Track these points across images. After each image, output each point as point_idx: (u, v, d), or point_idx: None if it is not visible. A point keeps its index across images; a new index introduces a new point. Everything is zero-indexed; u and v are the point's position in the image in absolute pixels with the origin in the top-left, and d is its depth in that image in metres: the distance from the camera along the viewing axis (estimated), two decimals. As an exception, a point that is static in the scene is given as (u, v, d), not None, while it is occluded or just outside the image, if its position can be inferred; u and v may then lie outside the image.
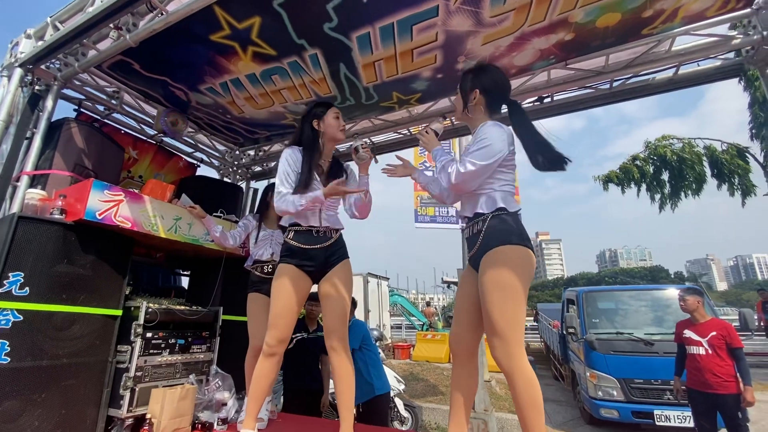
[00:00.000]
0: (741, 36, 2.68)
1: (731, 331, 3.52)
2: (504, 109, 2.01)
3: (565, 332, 7.14)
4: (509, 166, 1.85)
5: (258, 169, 4.92)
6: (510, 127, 1.88)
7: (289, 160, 2.18)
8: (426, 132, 2.06)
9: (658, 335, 5.40)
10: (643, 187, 11.36)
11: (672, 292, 5.99)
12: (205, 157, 4.57)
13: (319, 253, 2.15)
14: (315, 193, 2.03)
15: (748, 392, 3.28)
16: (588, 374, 5.58)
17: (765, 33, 2.54)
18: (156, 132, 3.84)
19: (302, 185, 2.09)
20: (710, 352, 3.49)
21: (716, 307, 6.19)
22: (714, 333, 3.51)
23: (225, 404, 2.76)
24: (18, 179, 2.61)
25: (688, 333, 3.69)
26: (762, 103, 8.84)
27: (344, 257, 2.23)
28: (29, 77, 2.79)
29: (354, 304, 3.78)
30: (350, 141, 3.48)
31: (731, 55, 2.88)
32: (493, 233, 1.74)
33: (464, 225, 1.96)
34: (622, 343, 5.48)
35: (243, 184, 4.80)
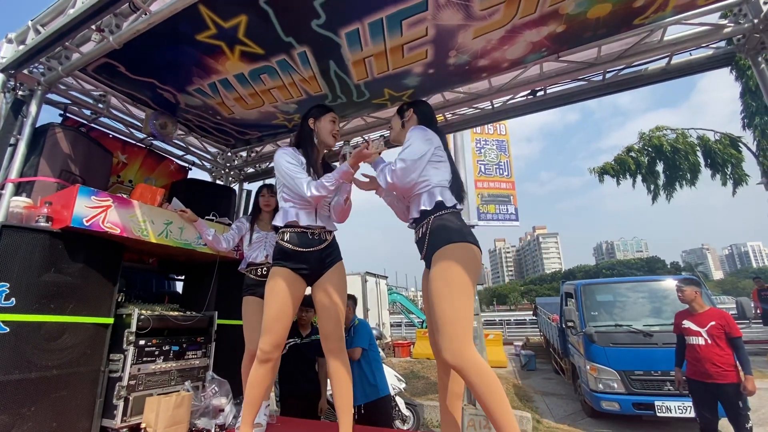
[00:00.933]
0: (732, 24, 2.66)
1: (730, 320, 3.52)
2: None
3: (564, 326, 7.15)
4: (441, 162, 1.99)
5: (251, 170, 4.87)
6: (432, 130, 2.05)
7: (287, 156, 2.16)
8: (366, 148, 2.09)
9: (657, 326, 5.41)
10: (639, 178, 11.42)
11: (669, 283, 6.00)
12: (196, 160, 4.52)
13: (314, 256, 2.12)
14: (340, 168, 2.03)
15: (749, 381, 3.28)
16: (588, 367, 5.58)
17: (755, 21, 2.53)
18: (145, 135, 3.78)
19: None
20: (709, 342, 3.49)
21: (713, 297, 6.21)
22: (713, 323, 3.51)
23: (222, 410, 2.71)
24: (2, 187, 2.54)
25: (687, 323, 3.69)
26: (753, 92, 8.89)
27: (338, 259, 2.23)
28: (12, 82, 2.73)
29: (354, 301, 3.75)
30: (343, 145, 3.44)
31: (723, 43, 2.87)
32: (437, 234, 1.83)
33: (413, 227, 2.04)
34: (622, 335, 5.49)
35: (236, 186, 4.75)
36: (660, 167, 11.15)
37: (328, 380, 2.80)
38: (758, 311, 9.68)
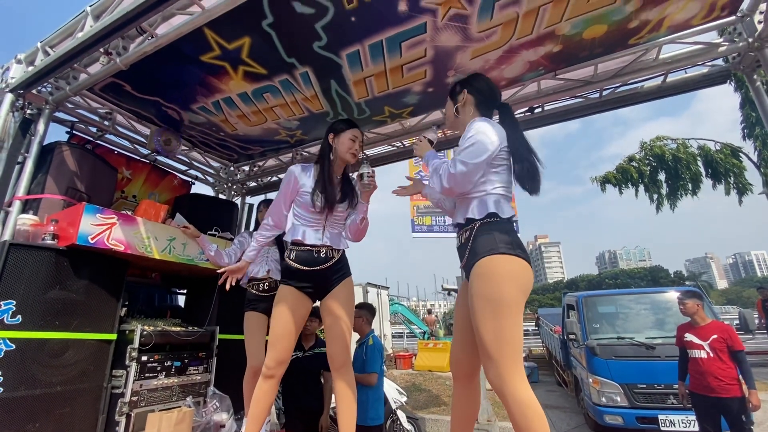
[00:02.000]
0: (727, 43, 2.71)
1: (732, 333, 3.50)
2: (495, 115, 1.92)
3: (566, 338, 7.10)
4: (503, 166, 1.72)
5: (253, 184, 4.92)
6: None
7: (292, 175, 2.18)
8: (420, 140, 2.00)
9: (660, 339, 5.37)
10: (641, 188, 11.43)
11: (672, 295, 5.97)
12: (199, 174, 4.57)
13: (319, 275, 2.11)
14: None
15: (753, 396, 3.26)
16: (591, 380, 5.53)
17: (750, 40, 2.57)
18: (149, 151, 3.84)
19: (326, 199, 2.08)
20: (712, 355, 3.47)
21: (717, 306, 6.16)
22: (715, 336, 3.49)
23: (223, 426, 2.72)
24: (10, 205, 2.59)
25: (689, 336, 3.67)
26: (753, 102, 8.93)
27: (346, 275, 2.20)
28: (20, 102, 2.79)
29: (371, 312, 3.62)
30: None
31: (719, 61, 2.91)
32: (481, 242, 1.61)
33: (457, 231, 1.83)
34: (624, 347, 5.44)
35: (238, 200, 4.80)
36: (662, 176, 11.17)
37: (333, 397, 2.80)
38: (762, 321, 9.59)
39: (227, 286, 2.26)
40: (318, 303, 2.26)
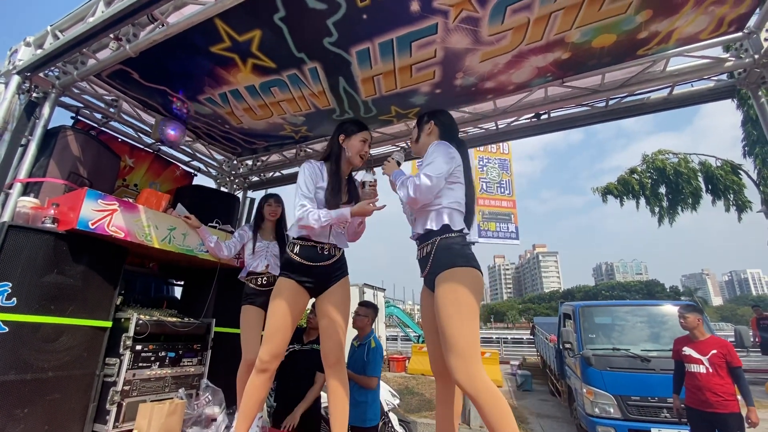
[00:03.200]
0: (733, 59, 2.72)
1: (731, 349, 3.49)
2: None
3: (561, 347, 7.09)
4: (457, 183, 1.99)
5: (255, 179, 4.91)
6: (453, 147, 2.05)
7: (307, 172, 2.17)
8: (389, 161, 2.23)
9: (655, 352, 5.36)
10: (642, 200, 11.46)
11: (668, 308, 5.98)
12: (202, 167, 4.56)
13: (320, 271, 2.13)
14: (341, 211, 2.02)
15: (752, 413, 3.25)
16: (585, 390, 5.52)
17: (756, 56, 2.59)
18: (153, 141, 3.83)
19: (332, 197, 2.12)
20: (710, 370, 3.46)
21: (712, 323, 6.16)
22: (714, 351, 3.48)
23: (215, 420, 2.70)
24: (11, 187, 2.58)
25: (687, 350, 3.66)
26: (755, 121, 9.00)
27: (344, 275, 2.23)
28: (27, 84, 2.78)
29: (374, 310, 3.60)
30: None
31: (724, 76, 2.93)
32: (442, 256, 1.85)
33: (416, 244, 2.05)
34: (619, 359, 5.44)
35: (240, 194, 4.78)
36: (663, 190, 11.21)
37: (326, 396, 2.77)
38: (757, 340, 9.60)
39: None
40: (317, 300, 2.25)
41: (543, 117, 3.38)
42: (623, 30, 2.38)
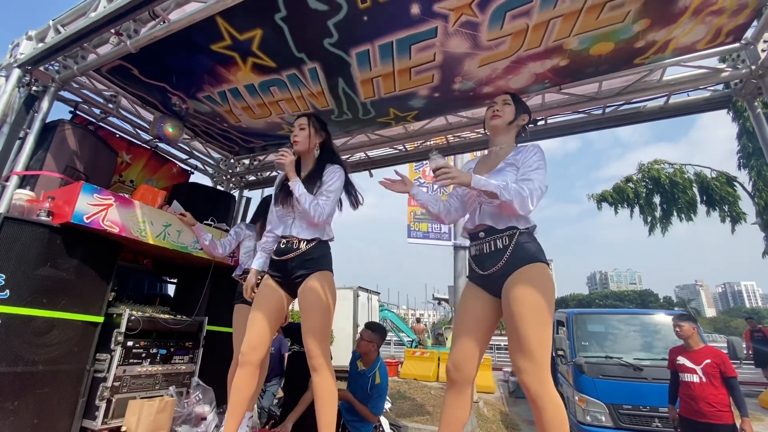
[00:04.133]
0: (730, 69, 2.76)
1: (725, 359, 3.47)
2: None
3: (554, 354, 7.09)
4: None
5: (252, 178, 4.91)
6: None
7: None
8: (445, 169, 1.74)
9: (648, 361, 5.37)
10: (636, 209, 11.52)
11: (662, 318, 5.99)
12: (199, 164, 4.56)
13: (283, 265, 2.10)
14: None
15: (746, 423, 3.23)
16: (576, 398, 5.51)
17: (753, 67, 2.62)
18: (151, 137, 3.83)
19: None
20: (704, 380, 3.44)
21: (705, 334, 6.20)
22: (708, 361, 3.46)
23: (204, 418, 2.68)
24: (7, 179, 2.57)
25: (681, 360, 3.64)
26: (751, 133, 9.09)
27: (315, 270, 2.07)
28: (27, 78, 2.79)
29: (381, 335, 3.39)
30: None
31: (720, 87, 2.97)
32: (526, 250, 1.69)
33: (480, 237, 1.84)
34: (612, 367, 5.43)
35: (236, 193, 4.78)
36: (657, 199, 11.28)
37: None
38: (750, 352, 9.63)
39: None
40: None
41: (540, 123, 3.41)
42: (621, 38, 2.41)
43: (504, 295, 1.68)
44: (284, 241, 2.14)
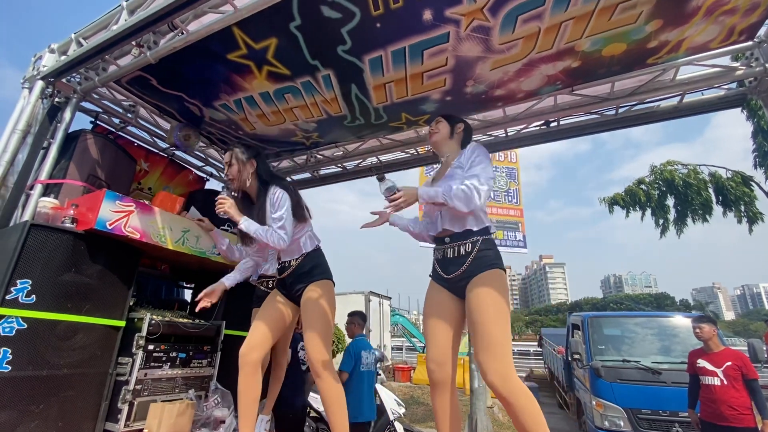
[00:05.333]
0: (744, 67, 2.74)
1: (746, 361, 3.41)
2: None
3: (570, 358, 6.99)
4: None
5: (265, 184, 4.97)
6: None
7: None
8: (396, 191, 1.88)
9: (666, 364, 5.27)
10: (649, 211, 11.34)
11: (680, 320, 5.88)
12: (214, 171, 4.64)
13: (282, 282, 2.34)
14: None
15: (767, 426, 3.17)
16: (594, 403, 5.42)
17: (767, 65, 2.60)
18: (168, 145, 3.92)
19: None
20: (725, 383, 3.37)
21: (725, 338, 6.07)
22: (729, 363, 3.39)
23: (223, 422, 2.71)
24: (32, 188, 2.66)
25: (702, 363, 3.57)
26: (766, 131, 8.92)
27: (310, 281, 2.23)
28: (50, 89, 2.88)
29: (363, 318, 3.91)
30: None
31: (734, 85, 2.94)
32: (485, 257, 1.85)
33: (445, 241, 1.97)
34: (630, 371, 5.34)
35: (250, 199, 4.84)
36: (671, 202, 11.09)
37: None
38: (770, 355, 9.36)
39: (197, 309, 2.42)
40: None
41: (552, 124, 3.41)
42: (633, 39, 2.41)
43: (467, 297, 1.81)
44: (280, 262, 2.35)
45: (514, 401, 1.55)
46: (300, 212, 2.27)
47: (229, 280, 2.57)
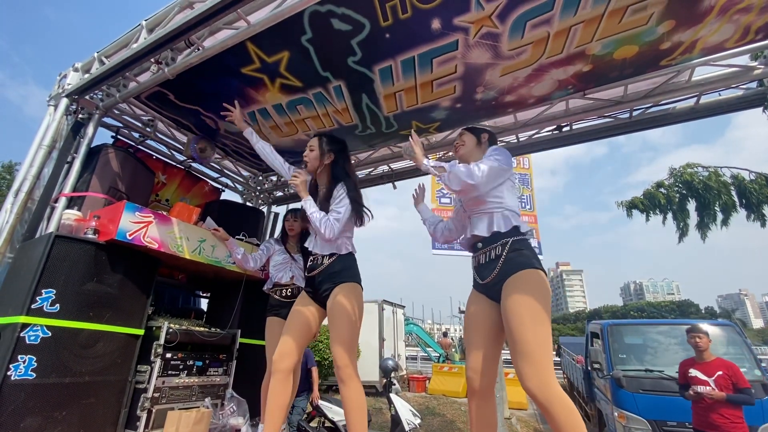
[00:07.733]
0: (762, 66, 2.67)
1: (737, 371, 3.44)
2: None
3: (590, 368, 6.80)
4: (515, 190, 1.98)
5: (279, 194, 5.05)
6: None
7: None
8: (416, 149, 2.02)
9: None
10: (669, 215, 11.04)
11: (704, 328, 5.68)
12: (229, 182, 4.74)
13: (311, 280, 2.26)
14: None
15: None
16: (616, 414, 5.24)
17: (787, 63, 2.53)
18: (185, 158, 4.03)
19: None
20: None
21: (753, 347, 5.83)
22: (720, 372, 3.43)
23: (239, 430, 2.72)
24: (56, 200, 2.76)
25: (694, 372, 3.61)
26: (790, 132, 8.64)
27: (339, 282, 2.16)
28: (74, 106, 3.01)
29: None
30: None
31: (754, 84, 2.87)
32: (516, 257, 1.77)
33: (478, 248, 1.95)
34: (653, 381, 5.16)
35: (265, 209, 4.93)
36: (692, 205, 10.78)
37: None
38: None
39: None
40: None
41: (565, 129, 3.38)
42: (645, 41, 2.38)
43: (502, 301, 1.75)
44: (311, 258, 2.27)
45: (551, 409, 1.48)
46: (358, 210, 2.24)
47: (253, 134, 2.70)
